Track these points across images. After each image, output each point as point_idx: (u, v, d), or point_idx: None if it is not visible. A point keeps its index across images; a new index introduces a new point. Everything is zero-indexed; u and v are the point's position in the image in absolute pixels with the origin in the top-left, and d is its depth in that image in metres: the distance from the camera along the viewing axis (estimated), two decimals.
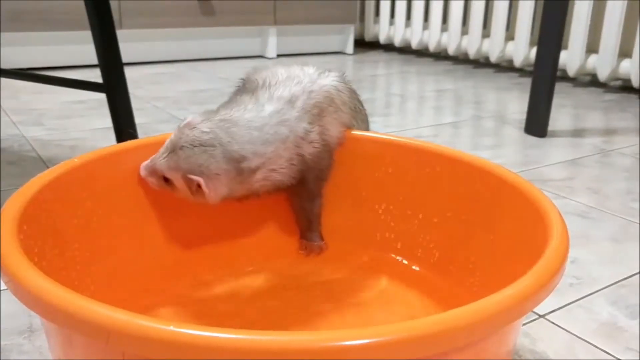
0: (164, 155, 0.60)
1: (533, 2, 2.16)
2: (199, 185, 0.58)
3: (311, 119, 0.65)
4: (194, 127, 0.60)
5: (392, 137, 0.72)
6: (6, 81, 1.71)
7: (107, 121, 1.11)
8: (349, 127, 0.71)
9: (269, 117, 0.62)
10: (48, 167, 0.57)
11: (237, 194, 0.62)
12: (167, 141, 0.61)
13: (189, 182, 0.59)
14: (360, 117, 0.73)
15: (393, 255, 0.72)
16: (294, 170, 0.64)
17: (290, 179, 0.65)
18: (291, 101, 0.64)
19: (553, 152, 1.34)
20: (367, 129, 0.76)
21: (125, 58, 1.07)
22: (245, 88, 0.68)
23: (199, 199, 0.60)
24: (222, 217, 0.71)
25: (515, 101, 1.91)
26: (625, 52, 1.97)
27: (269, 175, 0.63)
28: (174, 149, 0.59)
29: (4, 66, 1.72)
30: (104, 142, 1.26)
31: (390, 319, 0.61)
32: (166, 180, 0.61)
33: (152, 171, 0.61)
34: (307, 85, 0.66)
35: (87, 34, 1.03)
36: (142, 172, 0.62)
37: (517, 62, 2.27)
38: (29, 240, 0.46)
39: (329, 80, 0.69)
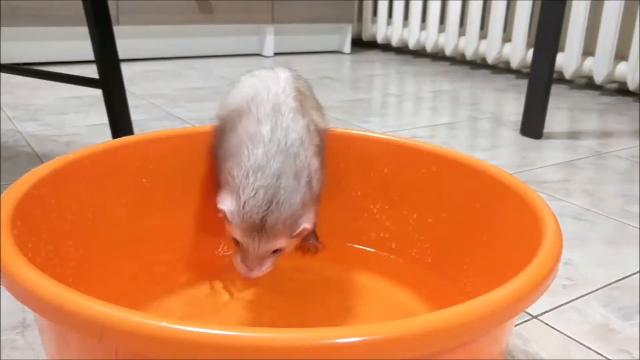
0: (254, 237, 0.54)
1: (530, 3, 2.17)
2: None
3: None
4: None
5: (388, 137, 0.72)
6: (2, 76, 1.71)
7: (103, 117, 1.11)
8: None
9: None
10: (43, 163, 0.57)
11: None
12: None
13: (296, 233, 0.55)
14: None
15: (387, 255, 0.72)
16: None
17: None
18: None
19: (549, 154, 1.34)
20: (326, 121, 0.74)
21: (121, 54, 1.07)
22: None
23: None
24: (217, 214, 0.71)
25: (511, 103, 1.91)
26: (621, 55, 1.98)
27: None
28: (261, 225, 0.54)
29: (1, 61, 1.72)
30: (100, 139, 1.26)
31: (383, 319, 0.61)
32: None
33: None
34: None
35: (84, 30, 1.03)
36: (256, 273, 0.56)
37: (514, 64, 2.27)
38: (23, 235, 0.46)
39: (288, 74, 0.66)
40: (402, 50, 2.89)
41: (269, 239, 0.54)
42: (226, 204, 0.54)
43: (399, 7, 2.67)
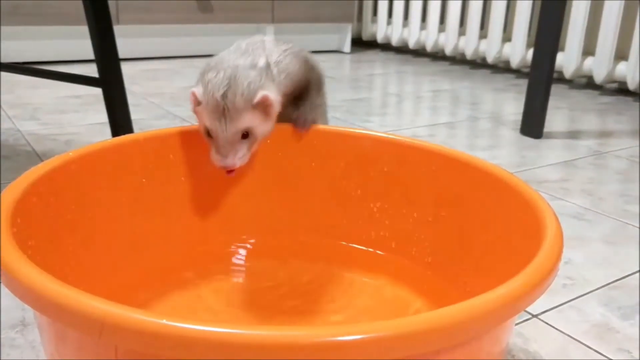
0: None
1: (530, 3, 2.17)
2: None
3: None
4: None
5: (387, 136, 0.72)
6: (2, 75, 1.71)
7: (102, 116, 1.11)
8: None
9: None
10: (43, 162, 0.57)
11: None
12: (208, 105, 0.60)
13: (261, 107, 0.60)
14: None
15: (387, 254, 0.72)
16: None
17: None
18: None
19: (548, 153, 1.34)
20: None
21: (121, 54, 1.07)
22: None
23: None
24: (217, 213, 0.71)
25: (511, 102, 1.91)
26: (621, 55, 1.98)
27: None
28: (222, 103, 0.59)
29: (1, 60, 1.72)
30: (100, 138, 1.26)
31: (383, 318, 0.61)
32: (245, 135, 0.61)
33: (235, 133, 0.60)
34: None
35: (84, 29, 1.03)
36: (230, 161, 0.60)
37: (514, 63, 2.27)
38: (22, 233, 0.46)
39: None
40: (402, 49, 2.89)
41: (233, 117, 0.58)
42: (196, 90, 0.61)
43: (399, 6, 2.67)
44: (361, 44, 3.02)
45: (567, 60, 2.07)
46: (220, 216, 0.72)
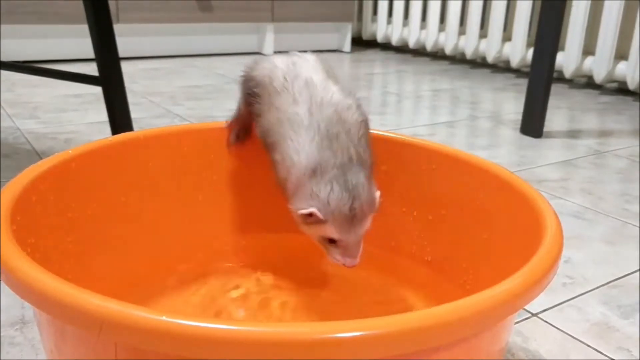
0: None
1: (530, 3, 2.16)
2: None
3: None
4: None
5: (387, 134, 0.72)
6: (2, 73, 1.70)
7: (102, 115, 1.11)
8: None
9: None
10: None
11: None
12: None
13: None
14: None
15: (387, 253, 0.72)
16: None
17: None
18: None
19: (548, 153, 1.34)
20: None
21: (121, 52, 1.07)
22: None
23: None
24: (219, 212, 0.71)
25: (511, 102, 1.91)
26: (621, 55, 1.98)
27: None
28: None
29: (1, 58, 1.72)
30: (99, 136, 1.25)
31: (382, 316, 0.61)
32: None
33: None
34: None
35: (84, 28, 1.03)
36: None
37: (514, 63, 2.27)
38: (22, 231, 0.46)
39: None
40: (402, 49, 2.89)
41: (362, 223, 0.55)
42: (306, 207, 0.54)
43: (399, 6, 2.67)
44: (361, 43, 3.02)
45: (567, 60, 2.07)
46: (223, 214, 0.72)
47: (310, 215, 0.54)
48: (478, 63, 2.59)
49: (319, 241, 0.57)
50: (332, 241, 0.56)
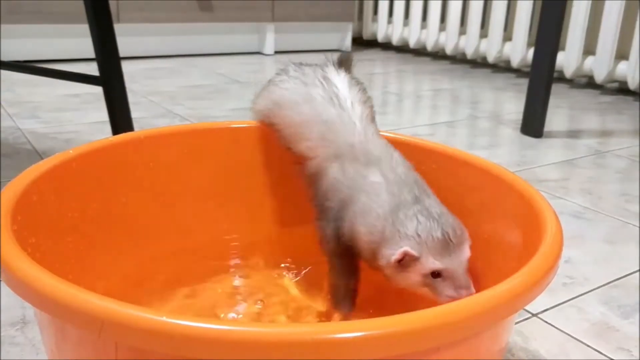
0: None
1: (531, 2, 2.16)
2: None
3: None
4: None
5: (387, 134, 0.72)
6: (2, 73, 1.70)
7: (103, 115, 1.11)
8: None
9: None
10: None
11: None
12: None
13: None
14: None
15: None
16: None
17: None
18: None
19: (548, 152, 1.34)
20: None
21: (122, 52, 1.07)
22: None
23: None
24: (220, 211, 0.71)
25: (511, 101, 1.91)
26: (622, 54, 1.98)
27: None
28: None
29: (1, 58, 1.72)
30: (100, 136, 1.25)
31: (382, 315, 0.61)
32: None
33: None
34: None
35: (85, 28, 1.03)
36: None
37: (515, 63, 2.27)
38: (23, 230, 0.46)
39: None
40: (403, 49, 2.89)
41: (461, 248, 0.52)
42: (398, 249, 0.51)
43: (399, 5, 2.67)
44: (362, 43, 3.02)
45: (567, 60, 2.07)
46: (224, 214, 0.72)
47: (404, 257, 0.50)
48: (478, 63, 2.59)
49: (425, 286, 0.52)
50: (436, 275, 0.51)
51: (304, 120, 0.63)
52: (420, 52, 2.84)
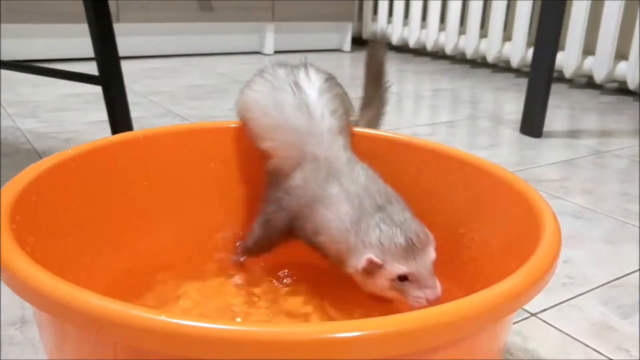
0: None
1: (531, 2, 2.16)
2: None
3: None
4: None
5: (386, 134, 0.72)
6: (3, 73, 1.70)
7: (102, 115, 1.11)
8: None
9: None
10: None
11: None
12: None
13: None
14: None
15: None
16: None
17: None
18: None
19: (548, 152, 1.34)
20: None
21: (122, 52, 1.07)
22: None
23: None
24: (219, 211, 0.71)
25: (511, 101, 1.91)
26: (621, 54, 1.98)
27: None
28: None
29: (1, 58, 1.72)
30: (100, 136, 1.25)
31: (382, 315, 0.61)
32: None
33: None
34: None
35: (85, 27, 1.03)
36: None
37: (514, 63, 2.27)
38: (22, 230, 0.46)
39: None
40: (403, 48, 2.89)
41: (425, 251, 0.54)
42: (363, 258, 0.53)
43: (399, 5, 2.67)
44: (361, 42, 3.02)
45: (567, 60, 2.07)
46: (224, 214, 0.72)
47: (369, 265, 0.53)
48: (478, 63, 2.59)
49: (394, 289, 0.54)
50: (403, 279, 0.53)
51: (271, 123, 0.64)
52: (420, 51, 2.84)
